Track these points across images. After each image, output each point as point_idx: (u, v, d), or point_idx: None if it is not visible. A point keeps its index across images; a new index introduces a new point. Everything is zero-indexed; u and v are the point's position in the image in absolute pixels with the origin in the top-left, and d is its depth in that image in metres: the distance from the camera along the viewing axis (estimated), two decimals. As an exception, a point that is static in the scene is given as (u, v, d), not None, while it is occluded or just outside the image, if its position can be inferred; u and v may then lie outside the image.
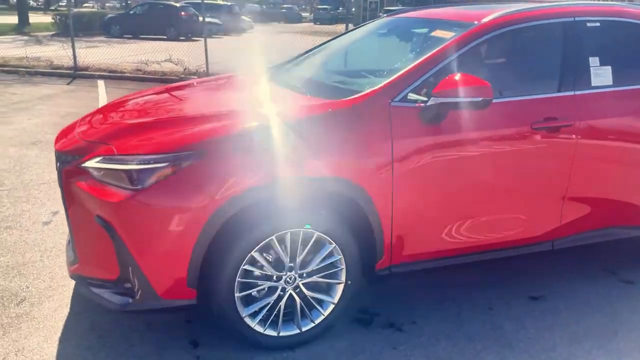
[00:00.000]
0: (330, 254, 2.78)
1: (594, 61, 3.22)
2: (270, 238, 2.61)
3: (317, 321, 2.85)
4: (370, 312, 3.22)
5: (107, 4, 59.43)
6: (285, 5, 43.77)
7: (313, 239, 2.70)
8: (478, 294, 3.47)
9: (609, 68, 3.26)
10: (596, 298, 3.46)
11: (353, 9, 32.22)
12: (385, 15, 4.28)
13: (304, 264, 2.76)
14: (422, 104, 2.79)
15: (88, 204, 2.59)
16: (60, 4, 62.03)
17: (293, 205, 2.65)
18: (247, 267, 2.62)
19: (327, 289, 2.87)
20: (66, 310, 3.14)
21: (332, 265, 2.81)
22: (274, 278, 2.73)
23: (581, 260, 3.94)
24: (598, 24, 3.30)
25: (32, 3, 55.65)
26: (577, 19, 3.24)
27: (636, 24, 3.40)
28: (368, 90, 2.83)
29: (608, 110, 3.23)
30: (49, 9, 51.13)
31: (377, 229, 2.80)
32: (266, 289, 2.75)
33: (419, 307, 3.30)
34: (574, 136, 3.10)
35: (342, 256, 2.79)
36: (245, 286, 2.67)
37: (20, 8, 26.55)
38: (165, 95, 3.54)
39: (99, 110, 3.31)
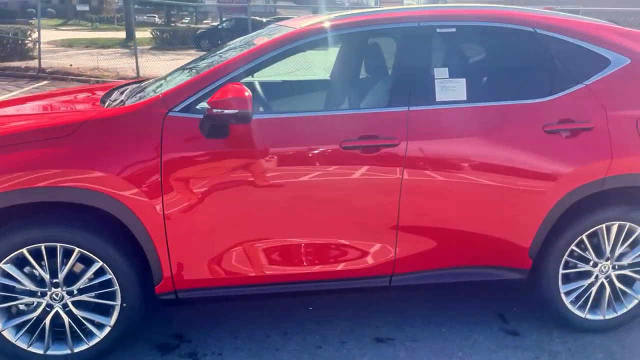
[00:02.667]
0: (101, 273, 2.62)
1: (440, 73, 2.78)
2: (19, 251, 2.50)
3: (92, 343, 2.69)
4: (183, 338, 3.00)
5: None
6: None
7: (74, 255, 2.56)
8: (317, 327, 3.12)
9: (462, 81, 2.79)
10: (457, 347, 2.97)
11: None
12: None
13: (71, 281, 2.62)
14: (209, 116, 2.55)
15: None
16: (183, 20, 66.50)
17: (43, 217, 2.53)
18: (-2, 279, 2.53)
19: (104, 310, 2.70)
20: None
21: (105, 285, 2.64)
22: (39, 293, 2.61)
23: (479, 301, 3.42)
24: (453, 30, 2.84)
25: (157, 20, 60.20)
26: (422, 24, 2.81)
27: (509, 29, 2.89)
28: (146, 99, 2.65)
29: (455, 129, 2.77)
30: (169, 24, 55.02)
31: (149, 250, 2.60)
32: (35, 303, 2.64)
33: (242, 337, 3.03)
34: (400, 159, 2.69)
35: (113, 276, 2.61)
36: (3, 298, 2.59)
37: (127, 24, 28.72)
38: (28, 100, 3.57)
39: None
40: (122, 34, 30.97)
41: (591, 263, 3.00)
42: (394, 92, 2.77)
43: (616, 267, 3.03)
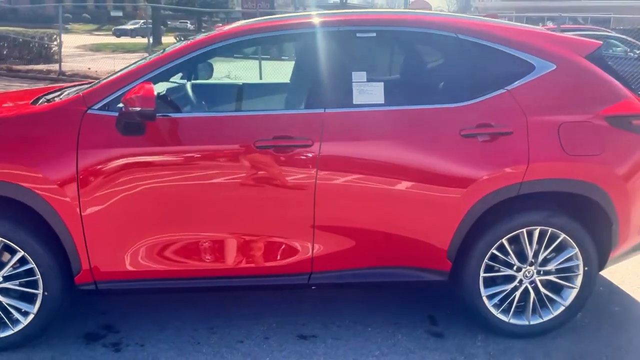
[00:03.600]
0: (24, 262, 2.75)
1: (358, 76, 2.84)
2: (-58, 238, 2.66)
3: (17, 329, 2.82)
4: (112, 329, 3.11)
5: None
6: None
7: (-4, 245, 2.70)
8: (244, 322, 3.19)
9: (380, 85, 2.85)
10: (377, 347, 3.01)
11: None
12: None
13: (-5, 269, 2.76)
14: (127, 114, 2.66)
15: None
16: (214, 26, 67.52)
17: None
18: None
19: (29, 298, 2.83)
20: None
21: (28, 273, 2.77)
22: (-34, 280, 2.76)
23: (414, 303, 3.44)
24: (373, 35, 2.90)
25: (188, 26, 61.50)
26: (342, 28, 2.88)
27: (431, 35, 2.93)
28: (68, 97, 2.79)
29: (371, 132, 2.82)
30: (200, 30, 55.82)
31: (67, 241, 2.72)
32: (-37, 289, 2.79)
33: (169, 329, 3.12)
34: (314, 159, 2.75)
35: (34, 265, 2.74)
36: None
37: (154, 30, 29.41)
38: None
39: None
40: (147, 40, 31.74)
41: (514, 267, 3.01)
42: (312, 95, 2.84)
43: (541, 273, 3.03)
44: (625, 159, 2.95)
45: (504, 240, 2.94)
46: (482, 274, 2.98)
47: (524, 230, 2.93)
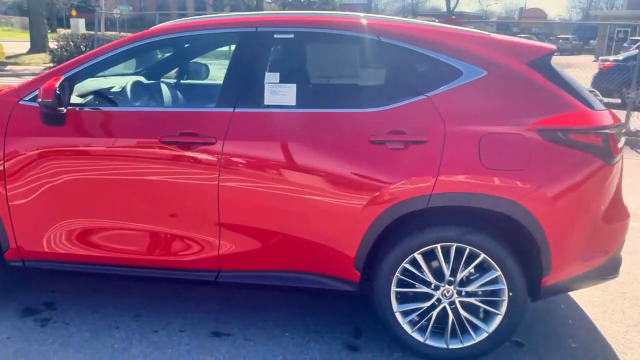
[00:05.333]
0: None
1: (271, 77, 2.83)
2: None
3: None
4: (52, 306, 3.33)
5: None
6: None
7: None
8: (168, 314, 3.28)
9: (293, 87, 2.82)
10: (282, 352, 2.96)
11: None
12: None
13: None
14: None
15: None
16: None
17: None
18: None
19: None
20: None
21: (-34, 248, 3.06)
22: None
23: (350, 313, 3.35)
24: (291, 36, 2.88)
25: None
26: (260, 29, 2.88)
27: (351, 37, 2.84)
28: (6, 89, 3.04)
29: (277, 134, 2.80)
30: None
31: (-7, 219, 2.97)
32: None
33: (99, 312, 3.28)
34: (217, 157, 2.78)
35: (-35, 241, 3.02)
36: None
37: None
38: None
39: None
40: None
41: (432, 285, 2.83)
42: (224, 94, 2.88)
43: (462, 294, 2.83)
44: (559, 176, 2.68)
45: (417, 255, 2.78)
46: (394, 289, 2.84)
47: (438, 246, 2.75)
